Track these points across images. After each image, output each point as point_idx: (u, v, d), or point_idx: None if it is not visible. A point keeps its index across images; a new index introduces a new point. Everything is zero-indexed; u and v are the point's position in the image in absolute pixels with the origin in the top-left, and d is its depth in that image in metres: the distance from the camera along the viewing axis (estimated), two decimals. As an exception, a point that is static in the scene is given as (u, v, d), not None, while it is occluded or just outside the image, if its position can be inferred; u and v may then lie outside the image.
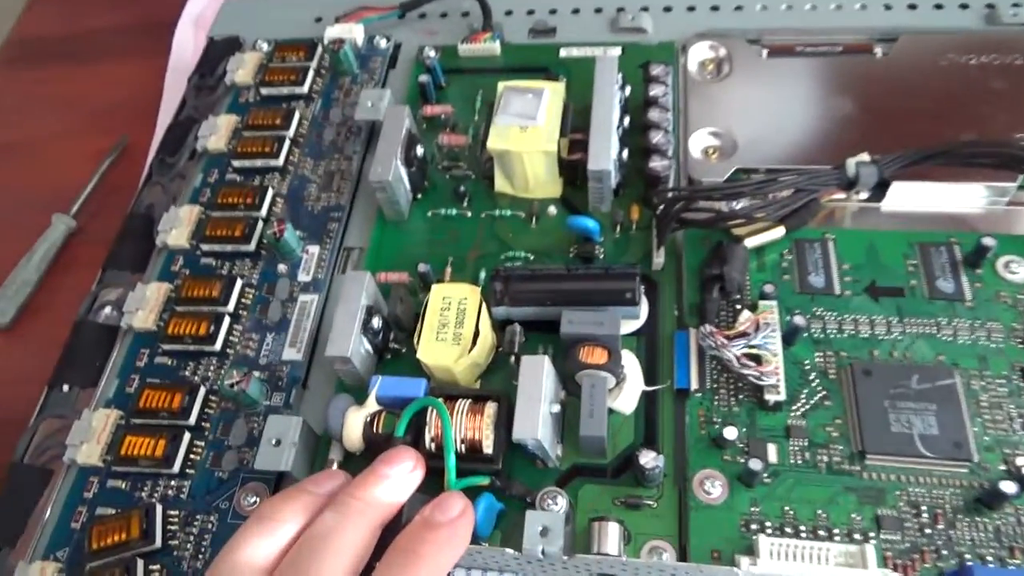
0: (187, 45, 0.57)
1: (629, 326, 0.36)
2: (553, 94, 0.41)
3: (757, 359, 0.33)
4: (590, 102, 0.40)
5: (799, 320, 0.34)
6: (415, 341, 0.35)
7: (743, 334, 0.33)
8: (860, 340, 0.35)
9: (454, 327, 0.35)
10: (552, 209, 0.42)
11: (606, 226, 0.40)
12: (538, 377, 0.31)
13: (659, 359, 0.36)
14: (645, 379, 0.35)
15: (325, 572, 0.25)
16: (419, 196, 0.43)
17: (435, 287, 0.36)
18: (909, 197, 0.39)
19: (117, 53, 0.60)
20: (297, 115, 0.47)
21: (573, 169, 0.41)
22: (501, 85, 0.42)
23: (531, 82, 0.42)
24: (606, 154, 0.38)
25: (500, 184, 0.42)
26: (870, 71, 0.44)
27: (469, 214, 0.42)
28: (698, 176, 0.42)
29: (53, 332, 0.42)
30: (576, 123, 0.41)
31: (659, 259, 0.38)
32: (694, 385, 0.34)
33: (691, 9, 0.50)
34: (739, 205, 0.38)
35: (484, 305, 0.36)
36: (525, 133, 0.40)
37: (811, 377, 0.34)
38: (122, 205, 0.47)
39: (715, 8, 0.50)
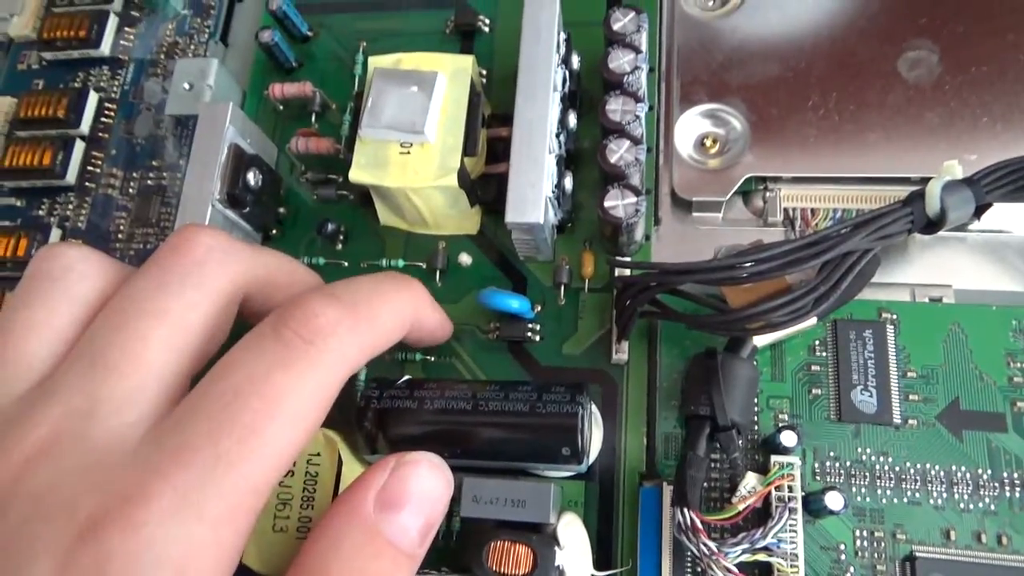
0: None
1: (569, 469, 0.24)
2: (453, 81, 0.26)
3: (767, 569, 0.21)
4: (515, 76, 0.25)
5: (834, 501, 0.21)
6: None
7: (743, 529, 0.21)
8: (929, 511, 0.22)
9: (299, 507, 0.23)
10: (465, 257, 0.28)
11: (545, 289, 0.27)
12: None
13: (617, 519, 0.24)
14: (595, 557, 0.23)
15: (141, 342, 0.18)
16: (274, 233, 0.29)
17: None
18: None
19: None
20: (94, 97, 0.32)
21: (496, 187, 0.27)
22: (371, 64, 0.26)
23: (418, 56, 0.26)
24: (534, 199, 0.24)
25: (385, 217, 0.28)
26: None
27: (345, 264, 0.28)
28: (686, 192, 0.27)
29: None
30: (499, 102, 0.26)
31: (620, 355, 0.25)
32: (666, 587, 0.22)
33: None
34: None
35: (343, 460, 0.23)
36: (408, 155, 0.25)
37: (847, 573, 0.22)
38: None
39: None
